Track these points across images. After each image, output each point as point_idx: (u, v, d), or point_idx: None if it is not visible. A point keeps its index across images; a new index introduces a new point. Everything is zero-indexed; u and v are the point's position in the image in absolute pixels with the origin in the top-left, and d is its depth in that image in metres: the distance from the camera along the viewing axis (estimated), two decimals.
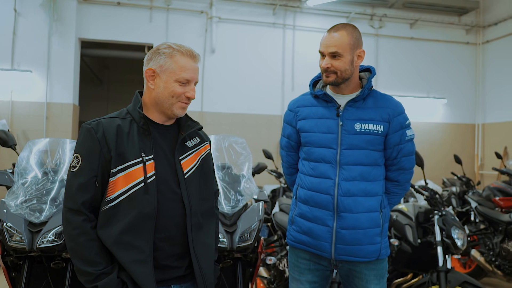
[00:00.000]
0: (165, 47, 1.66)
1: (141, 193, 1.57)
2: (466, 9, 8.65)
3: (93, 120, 1.64)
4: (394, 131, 2.07)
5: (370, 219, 2.01)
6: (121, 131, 1.60)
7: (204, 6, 7.64)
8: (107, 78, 11.87)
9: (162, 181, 1.62)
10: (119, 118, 1.65)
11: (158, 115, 1.70)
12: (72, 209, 1.55)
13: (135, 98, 1.73)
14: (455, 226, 3.47)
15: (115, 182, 1.56)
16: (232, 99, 7.73)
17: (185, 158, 1.72)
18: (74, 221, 1.54)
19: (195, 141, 1.81)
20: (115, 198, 1.56)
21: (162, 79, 1.64)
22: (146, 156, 1.60)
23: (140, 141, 1.62)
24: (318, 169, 2.07)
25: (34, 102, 6.76)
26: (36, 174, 2.65)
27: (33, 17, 6.77)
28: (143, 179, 1.58)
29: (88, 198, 1.55)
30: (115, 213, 1.56)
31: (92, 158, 1.57)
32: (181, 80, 1.64)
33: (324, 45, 2.03)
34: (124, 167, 1.57)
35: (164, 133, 1.71)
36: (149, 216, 1.57)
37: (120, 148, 1.58)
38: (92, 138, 1.58)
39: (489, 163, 8.68)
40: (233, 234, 2.59)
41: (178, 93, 1.64)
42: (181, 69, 1.63)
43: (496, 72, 8.67)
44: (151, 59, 1.66)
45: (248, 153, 2.95)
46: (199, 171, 1.76)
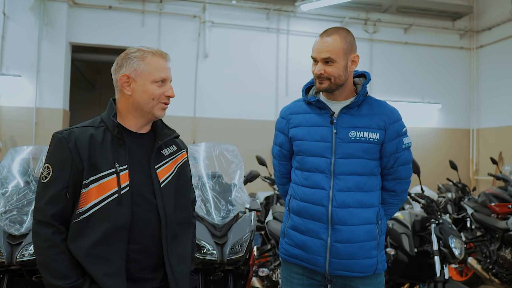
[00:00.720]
0: (134, 51, 1.62)
1: (114, 204, 1.52)
2: (460, 14, 8.65)
3: (65, 129, 1.58)
4: (391, 139, 1.98)
5: (366, 231, 1.92)
6: (94, 141, 1.55)
7: (197, 11, 7.56)
8: (99, 83, 11.75)
9: (137, 191, 1.57)
10: (93, 127, 1.59)
11: (135, 121, 1.64)
12: (42, 221, 1.49)
13: (109, 106, 1.66)
14: (452, 234, 3.39)
15: (87, 193, 1.51)
16: (225, 104, 7.64)
17: (161, 167, 1.67)
18: (43, 233, 1.48)
19: (172, 149, 1.75)
20: (87, 210, 1.50)
21: (138, 83, 1.59)
22: (120, 166, 1.55)
23: (114, 151, 1.56)
24: (312, 179, 1.97)
25: (23, 107, 6.63)
26: (18, 184, 2.55)
27: (22, 21, 6.66)
28: (117, 190, 1.53)
29: (58, 210, 1.50)
30: (87, 225, 1.50)
31: (63, 169, 1.51)
32: (157, 80, 1.59)
33: (316, 51, 1.94)
34: (97, 178, 1.52)
35: (139, 142, 1.66)
36: (122, 228, 1.52)
37: (93, 158, 1.52)
38: (63, 148, 1.52)
39: (484, 169, 8.64)
40: (224, 246, 2.50)
41: (157, 94, 1.60)
42: (156, 69, 1.59)
43: (490, 77, 8.66)
44: (122, 65, 1.61)
45: (239, 161, 2.86)
46: (176, 180, 1.71)
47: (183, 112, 7.40)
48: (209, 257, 2.45)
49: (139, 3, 7.29)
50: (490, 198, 5.66)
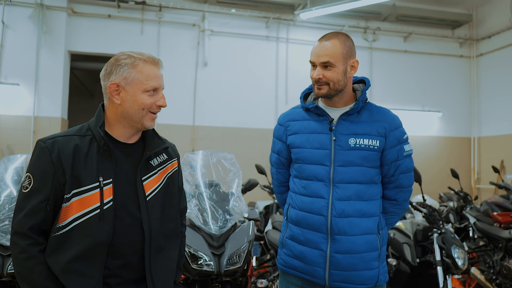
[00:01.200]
0: (125, 57, 1.53)
1: (96, 220, 1.45)
2: (459, 22, 8.64)
3: (49, 137, 1.51)
4: (391, 146, 1.93)
5: (366, 242, 1.86)
6: (79, 152, 1.48)
7: (196, 19, 7.55)
8: (98, 92, 11.69)
9: (121, 206, 1.50)
10: (78, 136, 1.52)
11: (123, 131, 1.57)
12: (19, 232, 1.44)
13: (98, 113, 1.58)
14: (455, 244, 3.32)
15: (69, 207, 1.45)
16: (224, 113, 7.60)
17: (149, 178, 1.59)
18: (20, 244, 1.43)
19: (162, 158, 1.67)
20: (68, 224, 1.45)
21: (128, 92, 1.51)
22: (104, 180, 1.48)
23: (99, 163, 1.49)
24: (310, 188, 1.92)
25: (21, 115, 6.59)
26: (10, 193, 2.49)
27: (21, 29, 6.64)
28: (99, 205, 1.46)
29: (36, 222, 1.44)
30: (66, 240, 1.44)
31: (44, 181, 1.45)
32: (149, 89, 1.52)
33: (315, 55, 1.89)
34: (79, 192, 1.45)
35: (127, 152, 1.58)
36: (103, 244, 1.46)
37: (76, 171, 1.46)
38: (45, 159, 1.45)
39: (485, 177, 8.57)
40: (221, 257, 2.43)
41: (148, 104, 1.52)
42: (147, 78, 1.51)
43: (491, 85, 8.63)
44: (111, 72, 1.52)
45: (237, 169, 2.80)
46: (164, 191, 1.63)
47: (182, 120, 7.35)
48: (206, 268, 2.38)
49: (138, 12, 7.29)
50: (492, 207, 5.60)
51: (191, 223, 2.58)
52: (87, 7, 7.04)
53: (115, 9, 7.12)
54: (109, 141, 1.53)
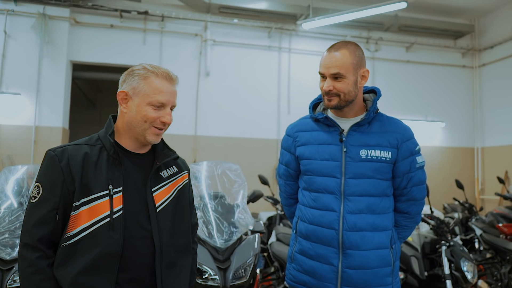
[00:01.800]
0: (139, 68, 1.53)
1: (106, 229, 1.41)
2: (462, 32, 8.65)
3: (59, 146, 1.49)
4: (404, 158, 1.87)
5: (379, 257, 1.79)
6: (88, 160, 1.46)
7: (199, 29, 7.55)
8: (100, 102, 11.71)
9: (131, 216, 1.47)
10: (88, 145, 1.51)
11: (131, 142, 1.56)
12: (28, 244, 1.40)
13: (107, 123, 1.58)
14: (464, 257, 3.26)
15: (78, 216, 1.42)
16: (226, 123, 7.56)
17: (159, 190, 1.56)
18: (29, 257, 1.39)
19: (172, 171, 1.65)
20: (77, 234, 1.41)
21: (134, 102, 1.51)
22: (114, 188, 1.46)
23: (108, 172, 1.47)
24: (321, 201, 1.86)
25: (22, 125, 6.55)
26: (11, 205, 2.43)
27: (23, 39, 6.63)
28: (109, 214, 1.43)
29: (46, 233, 1.41)
30: (76, 250, 1.41)
31: (53, 189, 1.43)
32: (154, 104, 1.49)
33: (324, 66, 1.85)
34: (88, 200, 1.43)
35: (137, 162, 1.56)
36: (113, 255, 1.41)
37: (85, 179, 1.44)
38: (55, 167, 1.44)
39: (489, 188, 8.50)
40: (227, 271, 2.36)
41: (151, 117, 1.49)
42: (155, 92, 1.49)
43: (494, 95, 8.60)
44: (125, 80, 1.54)
45: (242, 180, 2.74)
46: (174, 204, 1.60)
47: (184, 130, 7.31)
48: (211, 283, 2.31)
49: (141, 22, 7.29)
50: (497, 218, 5.53)
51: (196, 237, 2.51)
52: (89, 17, 7.04)
53: (118, 19, 7.12)
54: (119, 150, 1.52)
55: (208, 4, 7.28)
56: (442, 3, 8.06)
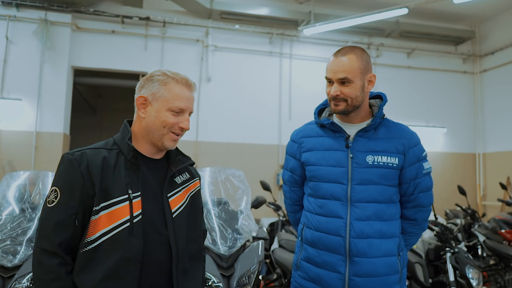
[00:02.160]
0: (159, 74, 1.54)
1: (126, 234, 1.39)
2: (462, 38, 8.66)
3: (76, 150, 1.47)
4: (410, 164, 1.85)
5: (387, 264, 1.77)
6: (107, 164, 1.45)
7: (200, 35, 7.56)
8: (100, 107, 11.70)
9: (148, 221, 1.45)
10: (105, 149, 1.49)
11: (148, 147, 1.55)
12: (47, 250, 1.35)
13: (123, 128, 1.57)
14: (469, 264, 3.23)
15: (97, 220, 1.39)
16: (228, 128, 7.54)
17: (174, 196, 1.56)
18: (48, 264, 1.34)
19: (185, 177, 1.65)
20: (96, 239, 1.38)
21: (153, 107, 1.51)
22: (133, 193, 1.44)
23: (127, 176, 1.46)
24: (327, 207, 1.84)
25: (23, 131, 6.53)
26: (12, 211, 2.40)
27: (25, 45, 6.63)
28: (129, 219, 1.41)
29: (65, 238, 1.37)
30: (96, 256, 1.38)
31: (72, 193, 1.39)
32: (174, 109, 1.50)
33: (331, 71, 1.83)
34: (108, 205, 1.40)
35: (152, 168, 1.55)
36: (133, 261, 1.39)
37: (105, 183, 1.42)
38: (74, 171, 1.41)
39: (491, 194, 8.47)
40: (230, 278, 2.33)
41: (170, 123, 1.50)
42: (174, 98, 1.50)
43: (495, 101, 8.60)
44: (144, 86, 1.54)
45: (246, 186, 2.72)
46: (188, 209, 1.59)
47: (185, 136, 7.14)
48: None
49: (142, 28, 7.30)
50: (500, 224, 5.50)
51: None
52: (91, 23, 7.05)
53: (119, 25, 7.13)
54: (137, 155, 1.51)
55: (209, 10, 7.29)
56: (442, 9, 8.07)
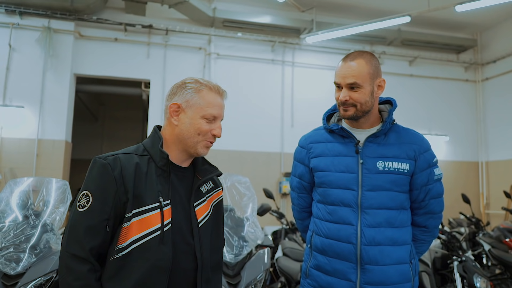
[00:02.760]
0: (191, 81, 1.53)
1: (157, 242, 1.37)
2: (464, 47, 8.68)
3: (108, 154, 1.44)
4: (421, 169, 1.82)
5: (399, 272, 1.73)
6: (140, 170, 1.43)
7: (203, 43, 7.57)
8: (102, 115, 11.70)
9: (177, 230, 1.44)
10: (137, 155, 1.47)
11: (178, 154, 1.53)
12: (77, 255, 1.32)
13: (153, 134, 1.54)
14: (477, 273, 3.19)
15: (129, 227, 1.36)
16: (230, 136, 7.52)
17: (200, 205, 1.54)
18: (78, 270, 1.31)
19: (209, 186, 1.64)
20: (127, 246, 1.35)
21: (187, 114, 1.50)
22: (164, 201, 1.42)
23: (158, 183, 1.44)
24: (337, 214, 1.80)
25: (25, 138, 6.51)
26: (16, 218, 2.37)
27: (28, 52, 6.64)
28: (160, 227, 1.39)
29: (97, 244, 1.34)
30: (126, 263, 1.35)
31: (105, 198, 1.37)
32: (208, 117, 1.50)
33: (340, 76, 1.81)
34: (140, 212, 1.38)
35: (181, 176, 1.53)
36: (163, 270, 1.37)
37: (138, 190, 1.39)
38: (107, 176, 1.38)
39: (495, 202, 8.42)
40: (237, 287, 2.29)
41: (204, 130, 1.50)
42: (208, 105, 1.50)
43: (497, 109, 8.59)
44: (176, 93, 1.52)
45: (252, 193, 2.68)
46: (212, 219, 1.59)
47: None
48: None
49: (145, 35, 7.32)
50: (504, 233, 5.46)
51: None
52: (94, 30, 7.07)
53: (122, 33, 7.15)
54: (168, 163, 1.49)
55: (212, 18, 7.32)
56: (444, 17, 8.10)
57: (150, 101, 7.25)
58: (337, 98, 1.83)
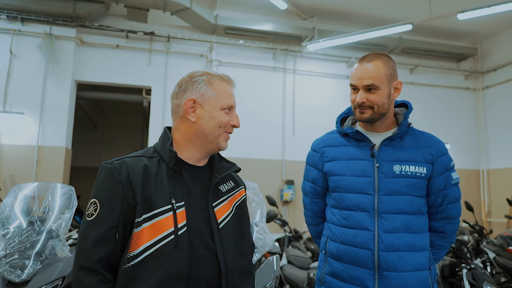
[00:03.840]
0: (200, 74, 1.46)
1: (171, 247, 1.28)
2: (464, 55, 8.71)
3: (115, 159, 1.38)
4: (439, 173, 1.79)
5: (419, 279, 1.68)
6: (148, 172, 1.35)
7: (204, 50, 7.57)
8: (101, 123, 11.64)
9: (194, 233, 1.33)
10: (146, 157, 1.40)
11: (193, 153, 1.45)
12: (86, 267, 1.26)
13: (163, 135, 1.48)
14: (486, 281, 3.14)
15: (140, 233, 1.28)
16: (231, 143, 7.38)
17: (219, 205, 1.45)
18: (88, 282, 1.24)
19: (229, 185, 1.55)
20: (139, 253, 1.27)
21: (205, 109, 1.43)
22: (176, 203, 1.33)
23: (169, 185, 1.35)
24: (353, 219, 1.76)
25: (25, 145, 6.45)
26: (20, 224, 2.31)
27: (29, 59, 6.61)
28: (173, 231, 1.29)
29: (105, 253, 1.27)
30: (139, 272, 1.26)
31: (113, 205, 1.30)
32: (226, 107, 1.45)
33: (357, 78, 1.78)
34: (151, 216, 1.29)
35: (196, 176, 1.44)
36: (179, 277, 1.27)
37: (147, 193, 1.31)
38: (114, 180, 1.31)
39: (496, 210, 8.39)
40: None
41: (225, 122, 1.44)
42: (224, 96, 1.45)
43: (498, 118, 8.59)
44: (186, 89, 1.44)
45: (260, 199, 2.64)
46: (235, 220, 1.49)
47: None
48: None
49: (147, 42, 7.30)
50: (508, 241, 5.41)
51: None
52: (95, 37, 7.05)
53: (124, 39, 7.13)
54: (179, 162, 1.41)
55: (214, 25, 7.32)
56: (445, 26, 8.14)
57: (151, 108, 7.21)
58: (353, 101, 1.80)
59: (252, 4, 7.53)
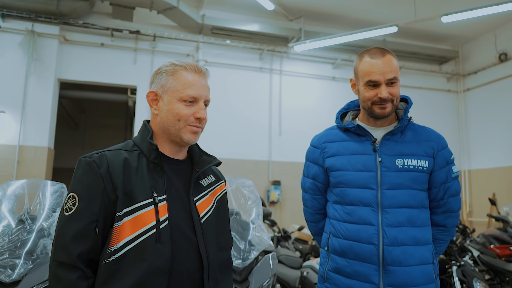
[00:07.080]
0: (167, 65, 1.41)
1: (153, 241, 1.25)
2: (446, 58, 8.89)
3: (94, 152, 1.33)
4: (440, 167, 1.80)
5: (423, 273, 1.68)
6: (129, 166, 1.31)
7: (191, 50, 7.51)
8: (83, 123, 11.43)
9: (176, 227, 1.31)
10: (125, 151, 1.35)
11: (168, 146, 1.41)
12: (64, 263, 1.21)
13: (143, 128, 1.43)
14: (476, 277, 3.19)
15: (121, 228, 1.24)
16: (217, 144, 7.44)
17: (201, 199, 1.42)
18: (66, 278, 1.19)
19: (210, 180, 1.52)
20: (120, 248, 1.23)
21: (164, 100, 1.38)
22: (158, 196, 1.30)
23: (150, 178, 1.31)
24: (356, 214, 1.75)
25: (5, 145, 6.27)
26: (10, 222, 2.23)
27: (10, 56, 6.43)
28: (155, 224, 1.26)
29: (85, 249, 1.22)
30: (120, 267, 1.23)
31: (92, 199, 1.25)
32: (186, 99, 1.36)
33: (379, 73, 1.72)
34: (132, 210, 1.26)
35: (176, 169, 1.41)
36: (161, 271, 1.25)
37: (128, 187, 1.27)
38: (93, 174, 1.27)
39: (477, 210, 8.57)
40: None
41: (184, 115, 1.36)
42: (184, 86, 1.36)
43: (478, 119, 8.80)
44: (153, 81, 1.42)
45: (256, 197, 2.62)
46: (216, 214, 1.46)
47: None
48: None
49: (132, 41, 7.21)
50: (489, 239, 5.54)
51: None
52: (80, 35, 6.92)
53: (109, 38, 7.02)
54: (159, 155, 1.37)
55: (200, 25, 7.27)
56: (427, 29, 8.28)
57: (137, 108, 7.11)
58: (372, 97, 1.74)
59: (239, 4, 7.52)
